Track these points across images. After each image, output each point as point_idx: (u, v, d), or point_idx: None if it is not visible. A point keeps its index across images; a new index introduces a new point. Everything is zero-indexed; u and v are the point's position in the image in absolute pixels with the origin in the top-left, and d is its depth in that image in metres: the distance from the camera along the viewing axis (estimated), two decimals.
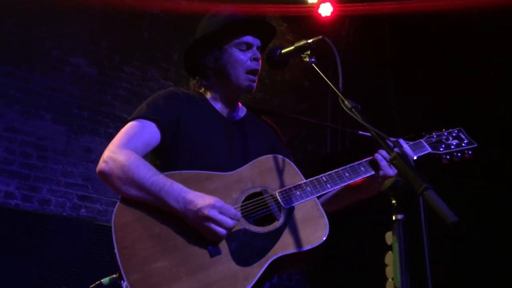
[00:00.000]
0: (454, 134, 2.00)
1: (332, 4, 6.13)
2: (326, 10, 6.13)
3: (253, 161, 1.86)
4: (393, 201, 1.28)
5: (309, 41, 1.77)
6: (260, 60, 2.05)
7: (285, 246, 1.65)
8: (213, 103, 2.07)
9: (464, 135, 1.99)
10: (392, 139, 1.80)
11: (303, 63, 1.77)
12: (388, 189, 1.28)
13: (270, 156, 1.87)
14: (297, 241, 1.65)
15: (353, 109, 1.47)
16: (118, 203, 1.73)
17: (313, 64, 1.73)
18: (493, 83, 4.97)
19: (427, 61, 5.67)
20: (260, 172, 1.81)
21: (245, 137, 2.01)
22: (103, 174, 1.75)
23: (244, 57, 2.00)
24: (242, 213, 1.72)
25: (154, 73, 5.42)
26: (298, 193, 1.76)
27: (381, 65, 6.12)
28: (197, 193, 1.67)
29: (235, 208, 1.71)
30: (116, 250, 1.63)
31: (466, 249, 4.40)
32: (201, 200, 1.64)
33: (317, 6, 6.16)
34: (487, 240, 4.34)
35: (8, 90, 4.47)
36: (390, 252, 1.27)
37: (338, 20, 6.42)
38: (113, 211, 1.71)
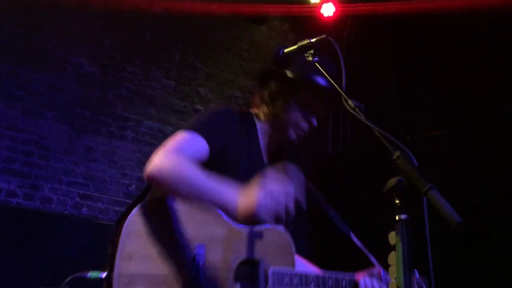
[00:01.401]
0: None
1: (334, 4, 6.13)
2: (328, 10, 6.13)
3: (263, 225, 1.85)
4: (396, 201, 1.28)
5: (313, 40, 1.77)
6: (315, 126, 2.03)
7: None
8: (260, 134, 2.05)
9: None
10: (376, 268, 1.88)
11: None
12: (391, 189, 1.28)
13: (280, 231, 1.89)
14: None
15: (356, 109, 1.46)
16: (137, 209, 1.65)
17: (316, 64, 1.72)
18: (496, 83, 4.97)
19: (430, 61, 5.66)
20: (263, 242, 1.85)
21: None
22: (152, 176, 1.66)
23: (302, 116, 1.99)
24: (235, 274, 1.77)
25: (156, 73, 5.42)
26: (286, 280, 1.81)
27: (383, 65, 6.11)
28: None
29: (228, 267, 1.73)
30: (117, 256, 1.58)
31: (470, 249, 4.39)
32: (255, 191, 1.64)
33: (319, 6, 6.16)
34: (490, 240, 4.33)
35: (11, 89, 4.48)
36: (393, 252, 1.27)
37: (340, 20, 6.41)
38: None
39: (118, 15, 5.22)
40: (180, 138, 1.77)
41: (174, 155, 1.68)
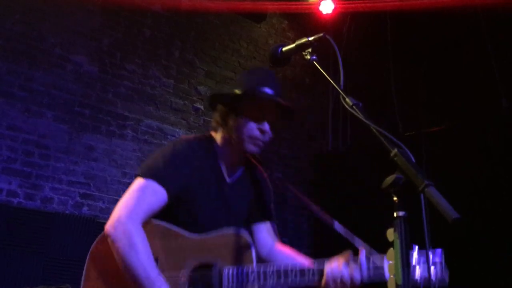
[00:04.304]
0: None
1: (333, 2, 6.12)
2: (327, 8, 6.13)
3: (218, 232, 1.95)
4: (394, 198, 1.29)
5: (310, 38, 1.77)
6: (271, 134, 2.09)
7: None
8: (219, 159, 2.13)
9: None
10: (350, 252, 1.87)
11: (304, 60, 1.77)
12: (389, 186, 1.28)
13: (236, 233, 1.94)
14: None
15: (354, 107, 1.47)
16: (100, 236, 1.97)
17: (314, 62, 1.73)
18: (495, 78, 4.97)
19: (429, 57, 5.66)
20: (220, 245, 1.92)
21: (234, 200, 2.11)
22: (110, 239, 1.88)
23: (253, 126, 2.05)
24: (189, 280, 1.87)
25: (155, 71, 5.43)
26: (241, 279, 1.85)
27: (382, 61, 6.11)
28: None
29: (182, 273, 1.87)
30: (83, 278, 1.93)
31: (468, 245, 4.40)
32: None
33: (318, 3, 6.15)
34: (489, 236, 4.34)
35: (10, 88, 4.48)
36: (392, 249, 1.28)
37: (339, 17, 6.41)
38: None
39: (117, 13, 5.22)
40: (138, 192, 1.93)
41: (132, 227, 1.86)
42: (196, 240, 1.94)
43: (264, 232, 2.21)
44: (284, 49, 1.87)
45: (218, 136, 2.15)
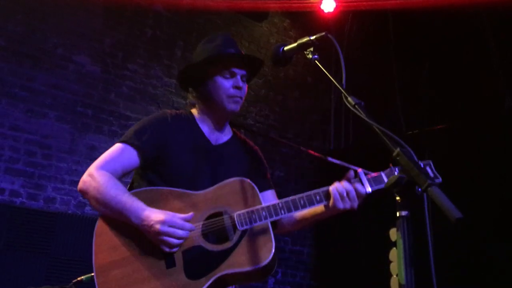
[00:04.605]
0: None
1: (334, 0, 6.11)
2: (329, 6, 6.11)
3: (221, 183, 2.01)
4: (397, 198, 1.28)
5: (312, 38, 1.77)
6: (246, 87, 2.18)
7: (230, 265, 1.84)
8: (200, 124, 2.20)
9: (431, 169, 1.99)
10: (352, 170, 1.94)
11: (306, 59, 1.77)
12: (392, 185, 1.28)
13: (236, 179, 2.01)
14: (242, 262, 1.84)
15: (356, 106, 1.47)
16: (98, 218, 2.02)
17: (316, 61, 1.73)
18: (497, 76, 4.95)
19: (432, 55, 5.65)
20: (224, 194, 1.98)
21: (224, 161, 2.16)
22: (82, 191, 2.02)
23: (227, 84, 2.12)
24: (202, 230, 1.91)
25: (157, 70, 5.43)
26: (254, 216, 1.90)
27: (385, 60, 6.10)
28: (153, 209, 1.88)
29: (196, 226, 1.91)
30: (93, 256, 1.93)
31: (472, 245, 4.39)
32: (154, 216, 1.85)
33: (320, 1, 6.14)
34: (491, 236, 4.33)
35: (12, 89, 4.49)
36: (395, 248, 1.27)
37: (341, 16, 6.40)
38: None
39: (119, 13, 5.22)
40: (110, 151, 2.07)
41: (98, 173, 1.98)
42: (201, 195, 1.98)
43: (271, 199, 2.23)
44: (286, 48, 1.88)
45: (195, 111, 2.23)
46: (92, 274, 2.53)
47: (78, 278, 2.79)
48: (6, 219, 4.17)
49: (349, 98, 1.50)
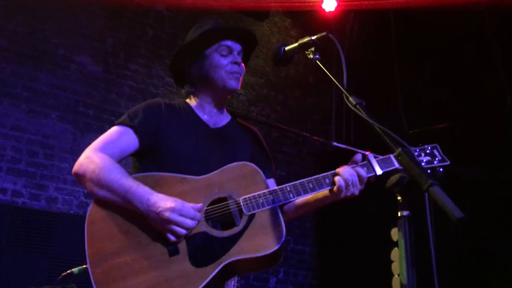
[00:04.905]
0: (427, 151, 1.98)
1: None
2: (330, 5, 6.10)
3: (224, 167, 1.91)
4: (399, 198, 1.28)
5: (313, 37, 1.77)
6: (243, 65, 2.11)
7: (239, 251, 1.75)
8: (197, 111, 2.13)
9: (438, 152, 1.98)
10: (359, 153, 1.90)
11: (308, 59, 1.77)
12: (393, 185, 1.28)
13: (240, 163, 1.93)
14: (251, 247, 1.74)
15: (357, 106, 1.47)
16: (92, 202, 1.88)
17: (317, 61, 1.73)
18: (499, 75, 4.94)
19: (433, 54, 5.64)
20: (228, 179, 1.89)
21: (225, 144, 2.08)
22: (77, 175, 1.89)
23: (225, 61, 2.06)
24: (205, 216, 1.81)
25: (159, 70, 5.43)
26: (261, 201, 1.82)
27: (386, 59, 6.09)
28: (160, 195, 1.77)
29: (199, 211, 1.80)
30: (86, 245, 1.78)
31: (473, 245, 4.39)
32: (162, 202, 1.74)
33: (321, 1, 6.13)
34: (493, 235, 4.32)
35: (14, 89, 4.50)
36: (396, 248, 1.27)
37: (342, 15, 6.39)
38: None
39: (120, 13, 5.22)
40: (107, 135, 1.97)
41: (97, 155, 1.86)
42: (204, 179, 1.89)
43: (273, 186, 2.18)
44: (287, 48, 1.87)
45: (190, 100, 2.17)
46: (85, 266, 2.45)
47: (68, 271, 2.71)
48: (8, 219, 4.17)
49: (350, 98, 1.50)
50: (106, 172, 1.82)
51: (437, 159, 1.94)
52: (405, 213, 1.26)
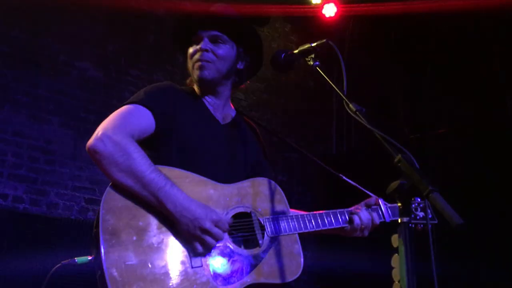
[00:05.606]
0: (421, 205, 2.09)
1: (336, 5, 6.12)
2: (330, 11, 6.12)
3: (248, 180, 1.90)
4: (399, 204, 1.28)
5: (313, 44, 1.78)
6: (221, 49, 1.99)
7: (263, 274, 1.75)
8: (205, 101, 2.05)
9: (430, 209, 2.04)
10: (374, 197, 2.02)
11: (308, 66, 1.78)
12: (393, 192, 1.28)
13: (264, 179, 1.93)
14: (275, 273, 1.77)
15: (357, 113, 1.47)
16: (108, 187, 1.68)
17: (317, 68, 1.73)
18: (499, 80, 4.95)
19: (434, 60, 5.65)
20: (252, 193, 1.87)
21: (234, 142, 2.04)
22: (98, 153, 1.68)
23: (191, 51, 2.02)
24: (229, 229, 1.77)
25: (159, 76, 5.44)
26: (283, 225, 1.85)
27: (387, 64, 6.10)
28: (196, 202, 1.69)
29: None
30: (100, 234, 1.60)
31: (474, 248, 4.38)
32: (200, 210, 1.66)
33: (321, 6, 6.15)
34: (496, 239, 4.32)
35: (15, 95, 4.51)
36: (397, 254, 1.27)
37: (342, 20, 6.41)
38: None
39: (121, 19, 5.24)
40: (124, 111, 1.80)
41: (122, 135, 1.68)
42: (226, 188, 1.82)
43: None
44: (287, 55, 1.88)
45: (197, 88, 2.10)
46: (88, 257, 2.42)
47: (70, 259, 2.67)
48: (9, 225, 4.17)
49: (351, 105, 1.50)
50: (136, 161, 1.64)
51: (429, 216, 2.03)
52: (405, 219, 1.27)
